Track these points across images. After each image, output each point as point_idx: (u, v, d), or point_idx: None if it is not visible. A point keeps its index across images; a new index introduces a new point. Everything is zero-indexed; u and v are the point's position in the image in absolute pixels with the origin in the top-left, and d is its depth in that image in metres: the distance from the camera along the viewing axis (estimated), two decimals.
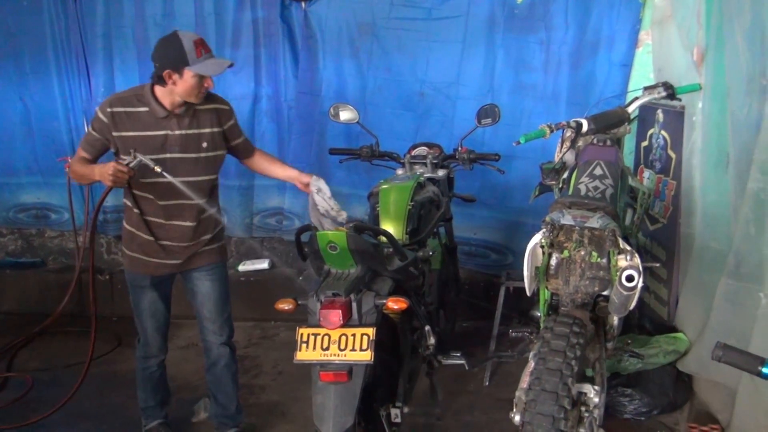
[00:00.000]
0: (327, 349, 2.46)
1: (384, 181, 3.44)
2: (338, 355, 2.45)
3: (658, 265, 3.73)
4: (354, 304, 2.51)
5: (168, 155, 2.94)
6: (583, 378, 2.64)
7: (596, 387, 2.58)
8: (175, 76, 2.84)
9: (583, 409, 2.58)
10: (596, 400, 2.57)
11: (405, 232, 3.12)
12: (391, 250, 2.78)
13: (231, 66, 3.01)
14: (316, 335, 2.49)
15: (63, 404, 3.58)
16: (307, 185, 3.31)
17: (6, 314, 5.11)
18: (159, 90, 2.91)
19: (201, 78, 2.87)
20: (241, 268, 5.09)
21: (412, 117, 4.63)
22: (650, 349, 3.48)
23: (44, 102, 5.09)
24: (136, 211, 3.06)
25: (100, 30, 4.91)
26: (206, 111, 3.04)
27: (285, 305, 2.58)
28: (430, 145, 3.77)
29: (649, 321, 3.89)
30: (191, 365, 4.27)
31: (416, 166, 3.66)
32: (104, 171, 2.80)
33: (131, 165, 2.82)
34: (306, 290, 2.64)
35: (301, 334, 2.50)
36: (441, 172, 3.67)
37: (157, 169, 2.84)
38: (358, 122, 3.77)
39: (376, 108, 4.58)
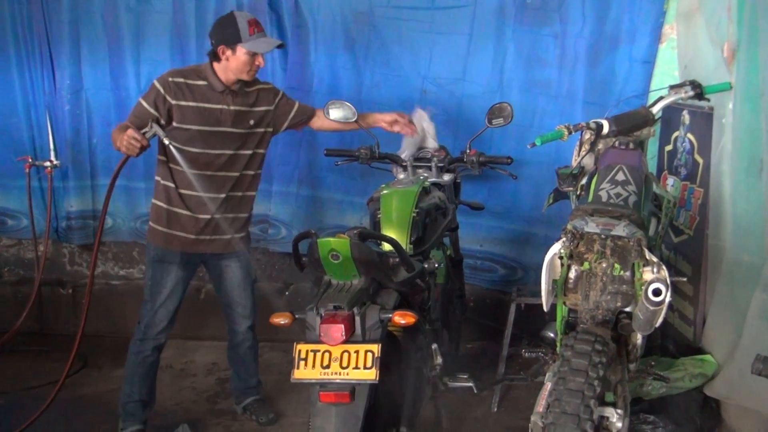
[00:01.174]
0: (328, 367, 2.51)
1: (385, 185, 3.51)
2: (340, 374, 2.51)
3: (684, 279, 3.79)
4: (357, 319, 2.56)
5: (221, 128, 3.52)
6: (603, 402, 2.72)
7: (619, 411, 2.63)
8: (228, 52, 3.43)
9: None
10: (619, 425, 2.63)
11: (409, 242, 3.18)
12: (397, 259, 2.85)
13: (282, 46, 3.82)
14: (315, 352, 2.54)
15: None
16: (394, 123, 3.84)
17: None
18: (217, 66, 3.50)
19: (253, 55, 3.45)
20: None
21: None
22: (675, 373, 3.52)
23: (2, 96, 5.10)
24: (171, 185, 3.55)
25: (66, 16, 4.92)
26: (254, 91, 3.67)
27: (281, 319, 2.63)
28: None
29: (673, 342, 3.93)
30: (166, 387, 4.32)
31: (420, 170, 3.73)
32: (121, 137, 3.26)
33: (147, 135, 3.30)
34: (293, 307, 2.72)
35: (299, 351, 2.55)
36: (447, 177, 3.74)
37: (166, 140, 3.36)
38: (355, 121, 3.82)
39: (373, 106, 4.58)
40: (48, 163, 4.51)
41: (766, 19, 2.99)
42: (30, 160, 4.61)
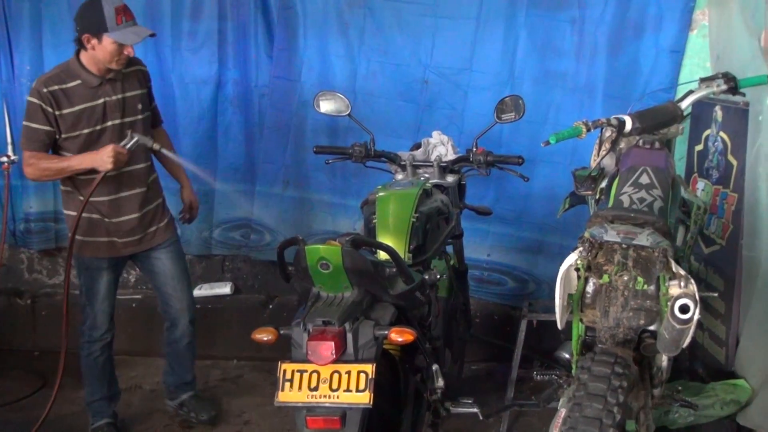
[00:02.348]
0: (316, 389, 2.52)
1: (382, 187, 3.51)
2: (329, 397, 2.51)
3: (715, 295, 3.80)
4: (349, 335, 2.56)
5: (110, 123, 3.63)
6: (624, 431, 2.73)
7: None
8: (94, 41, 3.47)
9: None
10: None
11: (407, 250, 3.18)
12: (394, 270, 2.85)
13: (152, 35, 3.70)
14: (302, 372, 2.54)
15: None
16: (188, 200, 4.21)
17: None
18: (85, 57, 3.57)
19: (120, 46, 3.50)
20: (197, 293, 5.09)
21: (413, 110, 4.71)
22: (704, 399, 3.53)
23: None
24: (76, 193, 3.69)
25: None
26: (132, 73, 3.78)
27: (264, 335, 2.63)
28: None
29: (702, 365, 3.95)
30: (135, 410, 4.40)
31: (420, 170, 3.74)
32: (99, 157, 3.47)
33: (128, 146, 3.53)
34: (277, 322, 2.71)
35: (284, 371, 2.55)
36: (451, 178, 3.75)
37: (156, 146, 3.67)
38: (348, 114, 3.83)
39: (368, 98, 4.66)
40: (5, 159, 4.48)
41: None
42: None
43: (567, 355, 3.16)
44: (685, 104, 3.51)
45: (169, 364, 4.21)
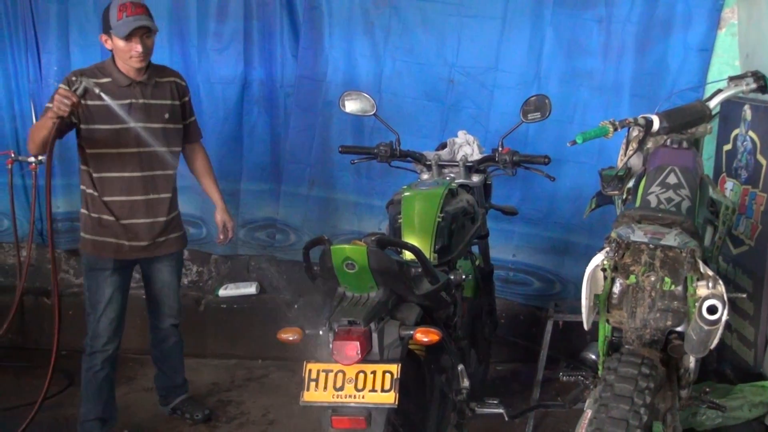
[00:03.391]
0: (341, 389, 2.53)
1: (407, 187, 3.52)
2: (355, 397, 2.52)
3: (743, 296, 3.78)
4: (374, 335, 2.58)
5: (132, 124, 3.61)
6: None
7: None
8: (109, 41, 3.59)
9: None
10: None
11: (433, 250, 3.19)
12: (419, 270, 2.86)
13: (150, 27, 3.57)
14: (327, 372, 2.55)
15: None
16: (221, 221, 4.18)
17: None
18: (116, 58, 3.64)
19: (128, 42, 3.53)
20: (222, 293, 5.20)
21: (439, 109, 4.73)
22: (733, 401, 3.53)
23: None
24: (95, 193, 3.70)
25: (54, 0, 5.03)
26: (166, 83, 3.83)
27: (289, 335, 2.65)
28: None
29: (730, 366, 3.94)
30: (160, 409, 4.38)
31: (446, 170, 3.74)
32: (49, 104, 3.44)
33: (77, 91, 3.40)
34: (303, 320, 2.72)
35: (310, 371, 2.57)
36: (476, 178, 3.76)
37: (96, 90, 3.45)
38: (374, 114, 3.84)
39: (393, 97, 4.68)
40: (32, 159, 4.54)
41: None
42: (12, 155, 4.65)
43: (593, 356, 3.17)
44: (713, 103, 3.51)
45: (158, 368, 4.25)
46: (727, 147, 4.15)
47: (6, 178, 4.73)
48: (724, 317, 2.54)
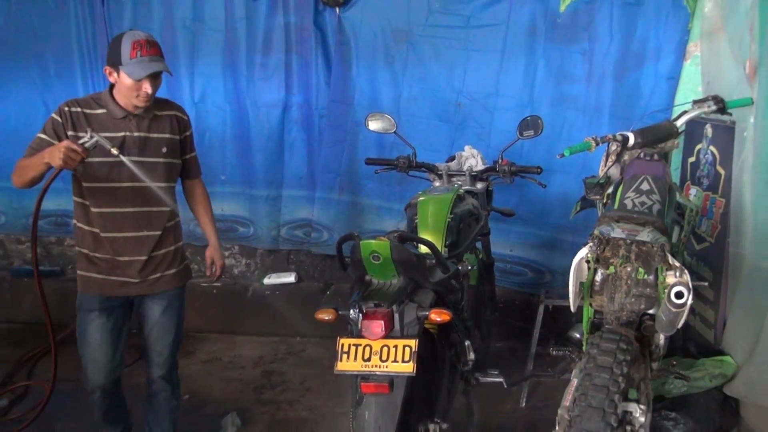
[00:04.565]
0: (368, 360, 2.53)
1: (422, 192, 3.53)
2: (380, 367, 2.53)
3: (705, 284, 3.78)
4: (396, 315, 2.58)
5: (126, 157, 2.92)
6: (627, 398, 2.73)
7: (642, 406, 2.63)
8: (115, 75, 2.89)
9: (628, 428, 2.66)
10: (642, 419, 2.63)
11: (444, 245, 3.19)
12: (433, 261, 2.87)
13: (166, 71, 2.94)
14: (357, 346, 2.56)
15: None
16: (209, 257, 3.39)
17: (25, 324, 5.20)
18: (115, 90, 2.96)
19: (138, 81, 2.86)
20: (266, 281, 5.23)
21: (448, 128, 4.72)
22: (696, 372, 3.52)
23: None
24: (87, 227, 3.01)
25: None
26: (166, 116, 3.11)
27: (326, 315, 2.65)
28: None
29: (694, 344, 3.92)
30: (215, 378, 4.42)
31: (454, 178, 3.75)
32: (54, 151, 2.71)
33: (87, 145, 2.78)
34: (336, 303, 2.74)
35: (342, 345, 2.58)
36: (480, 185, 3.76)
37: (114, 150, 2.83)
38: (394, 132, 3.84)
39: (410, 118, 4.67)
40: None
41: None
42: None
43: (578, 335, 3.17)
44: (679, 122, 3.48)
45: (148, 424, 3.34)
46: (692, 159, 4.13)
47: None
48: (689, 301, 2.54)
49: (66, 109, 2.92)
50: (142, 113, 2.99)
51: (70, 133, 2.88)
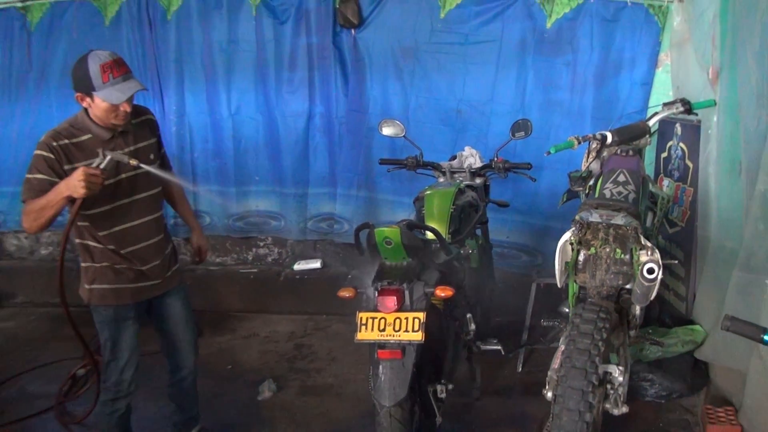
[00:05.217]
0: (383, 330, 2.58)
1: (428, 187, 3.55)
2: (393, 336, 2.57)
3: (676, 262, 3.80)
4: (406, 292, 2.62)
5: (124, 175, 2.70)
6: (608, 361, 2.76)
7: (620, 367, 2.68)
8: (87, 100, 2.56)
9: (608, 386, 2.69)
10: (620, 379, 2.68)
11: (448, 232, 3.22)
12: (438, 245, 2.91)
13: (142, 90, 2.61)
14: (374, 318, 2.60)
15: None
16: (196, 244, 3.19)
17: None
18: (92, 113, 2.60)
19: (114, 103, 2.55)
20: (296, 267, 5.23)
21: (451, 131, 4.70)
22: (669, 339, 3.53)
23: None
24: (100, 245, 2.72)
25: (172, 56, 5.08)
26: (143, 122, 2.83)
27: (346, 293, 2.70)
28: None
29: (668, 316, 3.93)
30: (254, 351, 4.45)
31: (456, 175, 3.77)
32: (72, 182, 2.43)
33: (102, 166, 2.54)
34: (355, 283, 2.76)
35: (361, 318, 2.62)
36: (478, 180, 3.77)
37: (133, 162, 2.61)
38: (403, 136, 3.84)
39: (417, 123, 4.65)
40: None
41: (743, 48, 2.99)
42: None
43: (566, 309, 3.19)
44: (652, 122, 3.50)
45: (176, 404, 3.17)
46: (664, 154, 4.14)
47: None
48: (660, 276, 2.58)
49: (54, 144, 2.55)
50: (124, 128, 2.68)
51: (66, 167, 2.54)
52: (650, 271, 2.57)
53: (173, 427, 3.22)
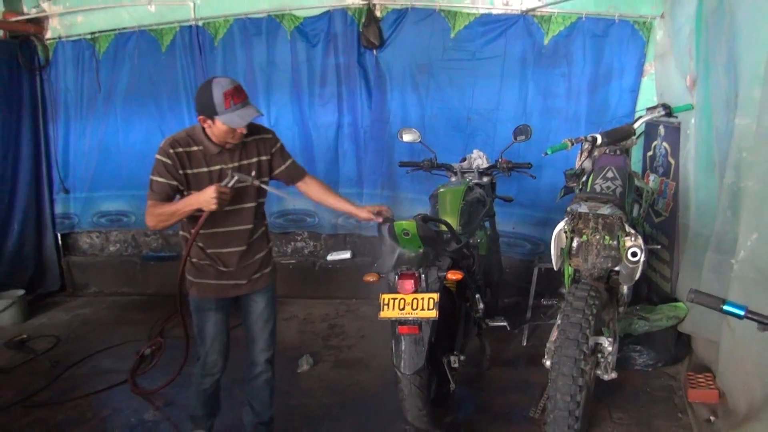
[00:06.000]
0: (403, 309, 2.64)
1: (442, 185, 3.59)
2: (411, 314, 2.63)
3: (659, 247, 3.82)
4: (422, 276, 2.69)
5: (257, 181, 2.70)
6: (599, 333, 2.82)
7: (610, 339, 2.74)
8: (209, 122, 2.54)
9: (599, 355, 2.76)
10: (610, 348, 2.73)
11: (459, 224, 3.26)
12: (449, 236, 2.96)
13: (260, 115, 2.62)
14: (394, 299, 2.67)
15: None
16: (366, 215, 2.93)
17: (151, 296, 5.43)
18: (209, 131, 2.59)
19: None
20: (329, 257, 5.28)
21: (462, 136, 4.73)
22: (655, 315, 3.56)
23: None
24: (199, 244, 2.72)
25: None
26: (252, 142, 2.74)
27: (371, 278, 2.77)
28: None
29: (655, 294, 3.96)
30: (293, 330, 4.52)
31: (466, 174, 3.80)
32: (204, 197, 2.49)
33: (230, 185, 2.57)
34: (379, 269, 2.83)
35: (383, 299, 2.69)
36: (485, 179, 3.81)
37: (256, 182, 2.67)
38: (420, 141, 3.88)
39: (432, 130, 4.68)
40: None
41: (714, 60, 3.02)
42: None
43: (564, 290, 3.26)
44: (637, 125, 3.55)
45: (249, 403, 3.02)
46: (650, 153, 4.16)
47: None
48: (643, 259, 2.63)
49: (171, 151, 2.57)
50: (232, 146, 2.65)
51: (181, 171, 2.58)
52: (634, 254, 2.63)
53: (248, 426, 3.04)
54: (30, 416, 3.54)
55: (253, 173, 2.71)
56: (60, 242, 5.84)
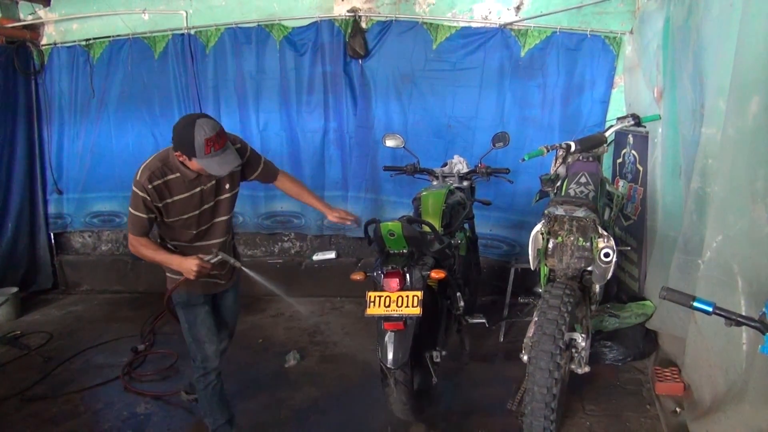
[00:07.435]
0: (388, 306, 2.64)
1: (424, 189, 3.59)
2: (396, 311, 2.63)
3: (628, 248, 3.86)
4: (407, 275, 2.67)
5: (206, 206, 2.67)
6: (573, 330, 2.84)
7: (583, 335, 2.76)
8: (184, 158, 2.48)
9: (573, 351, 2.78)
10: (583, 344, 2.76)
11: (441, 226, 3.26)
12: (432, 236, 2.96)
13: (240, 164, 2.58)
14: (380, 296, 2.66)
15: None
16: (337, 217, 3.00)
17: (142, 293, 5.37)
18: (183, 161, 2.53)
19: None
20: (315, 257, 5.24)
21: (442, 143, 4.73)
22: (625, 312, 3.61)
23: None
24: (174, 246, 2.72)
25: (210, 83, 5.12)
26: None
27: (357, 276, 2.75)
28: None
29: (624, 293, 3.99)
30: (280, 327, 4.49)
31: (447, 179, 3.80)
32: (186, 265, 2.52)
33: (213, 261, 2.63)
34: (365, 268, 2.81)
35: (370, 296, 2.68)
36: (465, 183, 3.81)
37: (237, 264, 2.76)
38: (403, 147, 3.87)
39: (415, 136, 4.68)
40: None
41: (680, 73, 3.05)
42: None
43: (540, 290, 3.27)
44: (608, 133, 3.58)
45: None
46: (620, 160, 4.19)
47: None
48: (614, 259, 2.66)
49: (150, 186, 2.50)
50: None
51: (159, 204, 2.55)
52: (606, 255, 2.66)
53: (189, 386, 3.24)
54: (24, 410, 3.47)
55: (227, 186, 2.71)
56: (53, 241, 5.75)
